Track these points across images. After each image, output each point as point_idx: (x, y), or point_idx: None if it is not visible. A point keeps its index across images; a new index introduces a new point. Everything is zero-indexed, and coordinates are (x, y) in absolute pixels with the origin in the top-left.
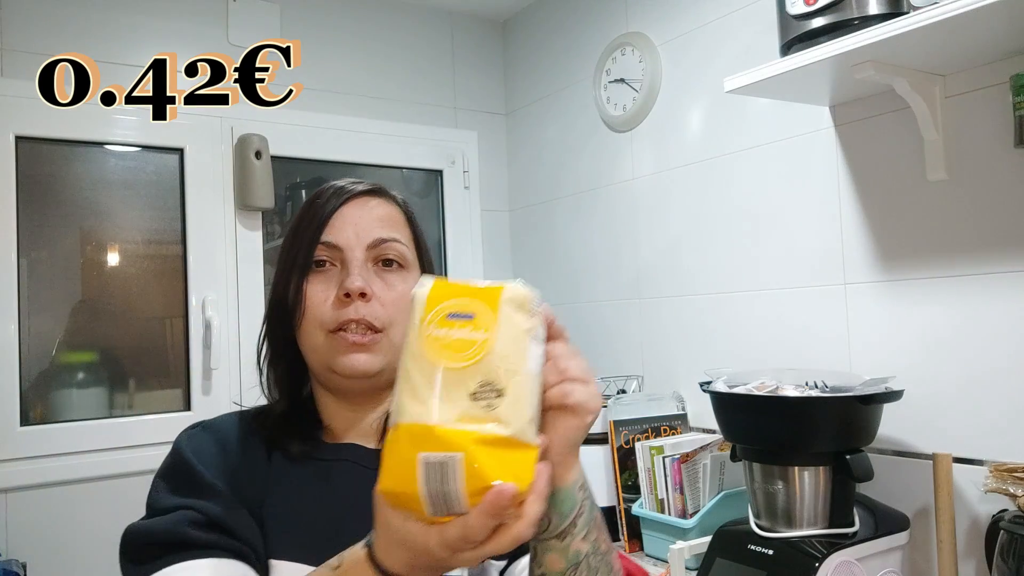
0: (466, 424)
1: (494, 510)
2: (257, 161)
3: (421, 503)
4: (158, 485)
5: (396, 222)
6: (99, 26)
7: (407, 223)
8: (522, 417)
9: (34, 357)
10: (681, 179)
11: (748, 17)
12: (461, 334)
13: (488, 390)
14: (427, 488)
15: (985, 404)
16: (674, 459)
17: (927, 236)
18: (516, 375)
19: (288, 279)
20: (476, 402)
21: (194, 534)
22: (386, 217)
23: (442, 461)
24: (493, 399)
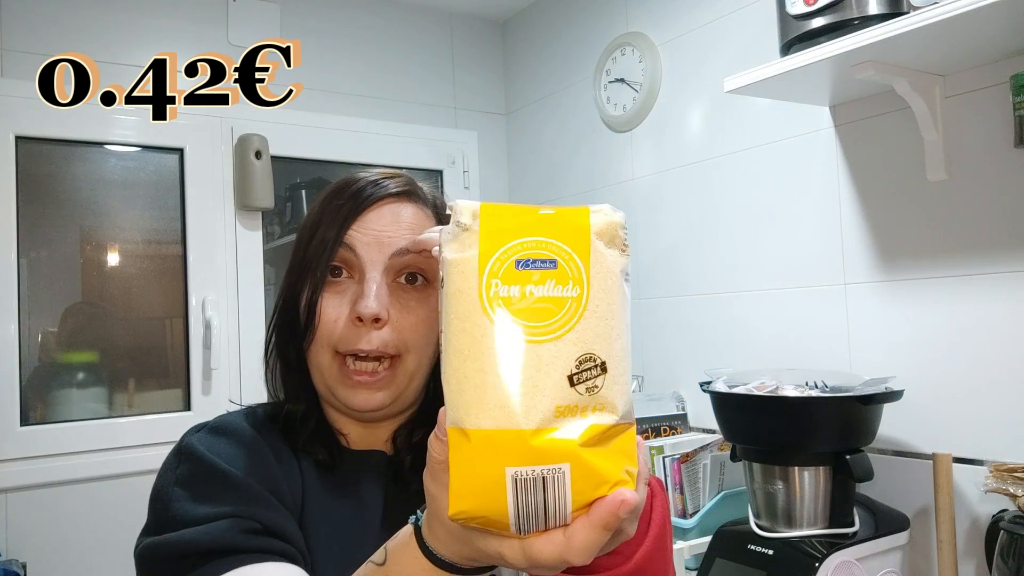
0: (567, 420)
1: (612, 521)
2: (257, 161)
3: (507, 522)
4: (174, 494)
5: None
6: (99, 26)
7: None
8: (626, 392)
9: (34, 357)
10: (681, 179)
11: (748, 17)
12: (545, 291)
13: (590, 367)
14: (518, 507)
15: (985, 404)
16: (674, 459)
17: (927, 236)
18: (617, 338)
19: (301, 287)
20: (576, 387)
21: (243, 540)
22: (417, 226)
23: (542, 476)
24: (595, 379)
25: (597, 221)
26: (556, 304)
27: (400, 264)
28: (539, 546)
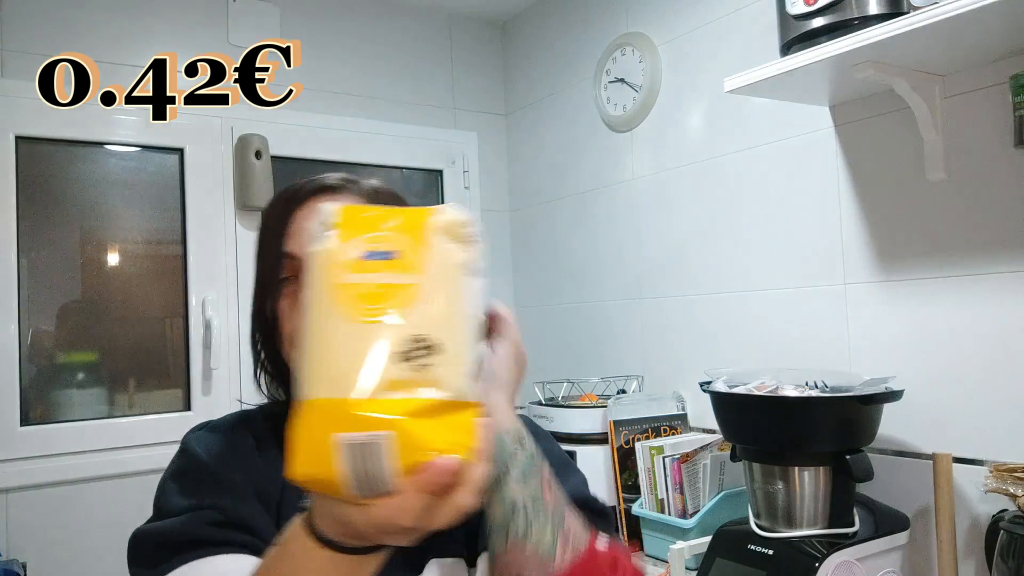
0: (394, 392)
1: (431, 487)
2: (257, 161)
3: (344, 486)
4: (167, 487)
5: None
6: (99, 26)
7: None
8: (461, 373)
9: (34, 357)
10: (681, 179)
11: (748, 17)
12: (383, 278)
13: (421, 347)
14: (351, 471)
15: (985, 404)
16: (674, 459)
17: (927, 236)
18: (454, 323)
19: (263, 298)
20: (406, 363)
21: (208, 532)
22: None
23: (366, 442)
24: (427, 357)
25: (438, 219)
26: (393, 290)
27: None
28: (375, 510)
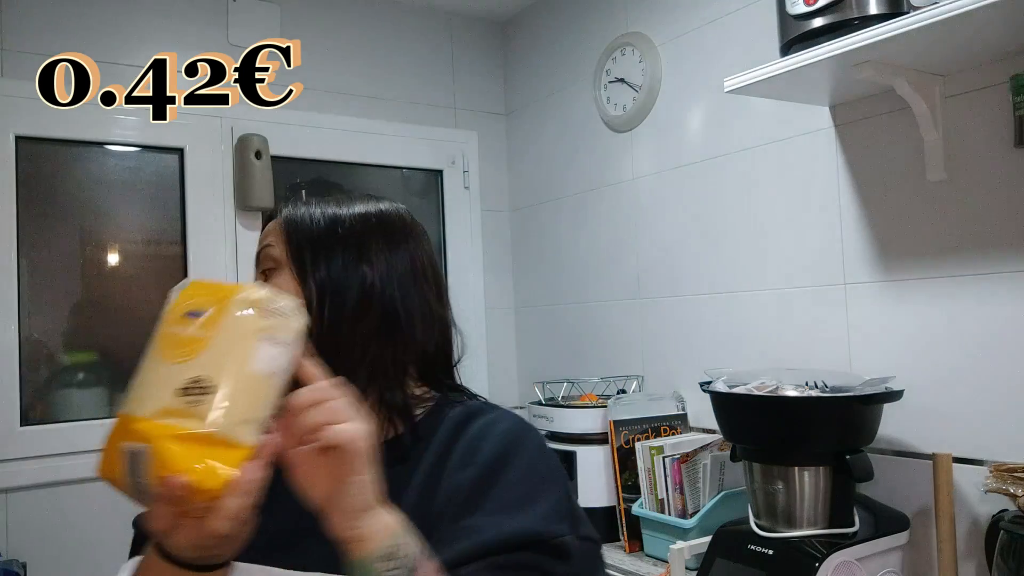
0: (166, 418)
1: (166, 499)
2: (257, 161)
3: (126, 488)
4: None
5: (272, 233)
6: (99, 26)
7: (282, 233)
8: (232, 416)
9: (34, 357)
10: (681, 179)
11: (748, 17)
12: (188, 331)
13: (197, 387)
14: (130, 477)
15: (985, 404)
16: (674, 459)
17: (927, 236)
18: (233, 373)
19: None
20: (182, 398)
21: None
22: (268, 231)
23: (136, 451)
24: (200, 396)
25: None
26: (193, 340)
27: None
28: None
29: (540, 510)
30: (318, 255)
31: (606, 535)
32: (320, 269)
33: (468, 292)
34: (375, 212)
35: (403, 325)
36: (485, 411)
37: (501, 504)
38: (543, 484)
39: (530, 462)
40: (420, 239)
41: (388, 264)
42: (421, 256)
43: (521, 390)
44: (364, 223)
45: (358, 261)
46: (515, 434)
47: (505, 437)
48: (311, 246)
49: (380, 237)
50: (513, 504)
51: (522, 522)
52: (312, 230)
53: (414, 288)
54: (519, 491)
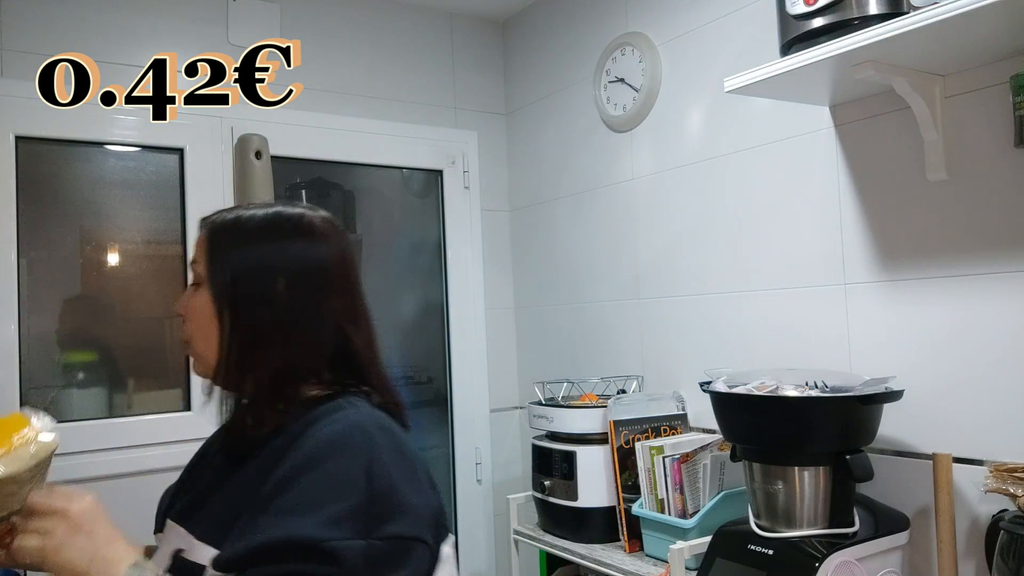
0: None
1: None
2: (257, 161)
3: None
4: None
5: (199, 246)
6: (99, 26)
7: (205, 246)
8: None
9: (34, 357)
10: (681, 179)
11: (748, 17)
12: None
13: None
14: None
15: (985, 404)
16: (674, 459)
17: (927, 236)
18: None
19: None
20: None
21: None
22: (196, 244)
23: None
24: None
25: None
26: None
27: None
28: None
29: (320, 516)
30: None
31: (606, 535)
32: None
33: (468, 292)
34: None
35: (295, 329)
36: (335, 413)
37: (289, 506)
38: (334, 490)
39: (334, 467)
40: (332, 245)
41: (294, 273)
42: (330, 263)
43: (521, 390)
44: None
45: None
46: (334, 439)
47: (322, 441)
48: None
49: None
50: (298, 508)
51: (294, 528)
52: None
53: (319, 294)
54: (309, 496)
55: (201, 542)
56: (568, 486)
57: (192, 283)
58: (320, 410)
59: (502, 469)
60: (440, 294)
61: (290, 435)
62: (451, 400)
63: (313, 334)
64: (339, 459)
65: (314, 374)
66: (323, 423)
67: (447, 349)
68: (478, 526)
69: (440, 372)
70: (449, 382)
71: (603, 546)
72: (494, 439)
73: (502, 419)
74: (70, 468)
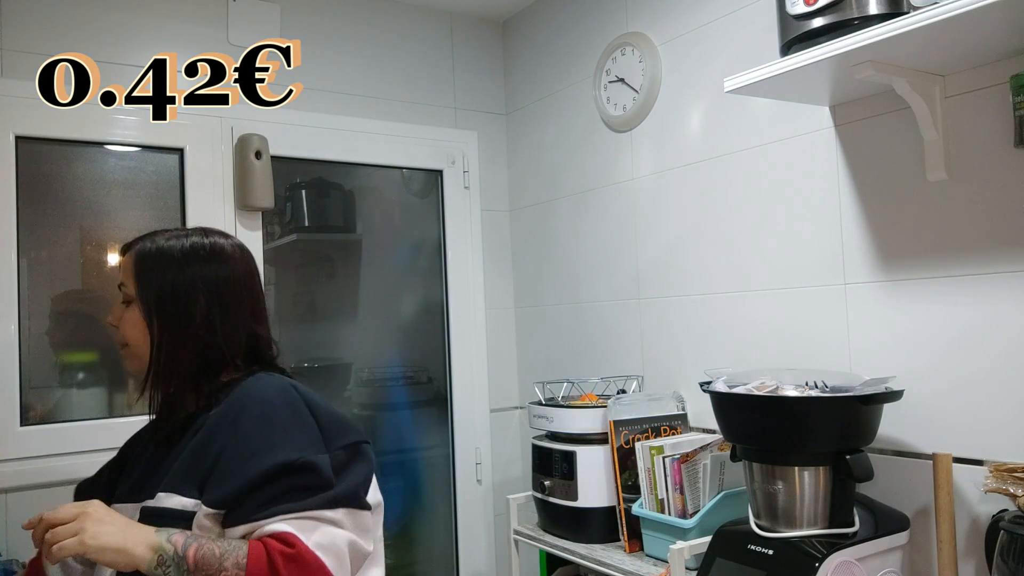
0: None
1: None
2: (257, 161)
3: None
4: None
5: (126, 270)
6: (99, 26)
7: (132, 269)
8: None
9: (34, 357)
10: (681, 179)
11: (748, 17)
12: None
13: None
14: None
15: (985, 404)
16: (674, 459)
17: (927, 236)
18: None
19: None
20: None
21: None
22: (122, 267)
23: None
24: None
25: None
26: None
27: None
28: None
29: (291, 444)
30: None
31: (606, 535)
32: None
33: (468, 292)
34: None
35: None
36: (258, 381)
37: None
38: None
39: (263, 413)
40: (239, 265)
41: (210, 290)
42: (239, 280)
43: (521, 390)
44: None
45: (189, 292)
46: (272, 392)
47: (263, 395)
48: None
49: (206, 269)
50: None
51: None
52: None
53: (230, 307)
54: (274, 434)
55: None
56: (568, 486)
57: (122, 301)
58: (242, 384)
59: (502, 469)
60: (440, 294)
61: (220, 406)
62: (451, 400)
63: (226, 335)
64: (284, 404)
65: (230, 364)
66: (249, 387)
67: (447, 349)
68: (478, 526)
69: (440, 372)
70: (449, 382)
71: (603, 546)
72: (494, 439)
73: (502, 419)
74: (70, 468)
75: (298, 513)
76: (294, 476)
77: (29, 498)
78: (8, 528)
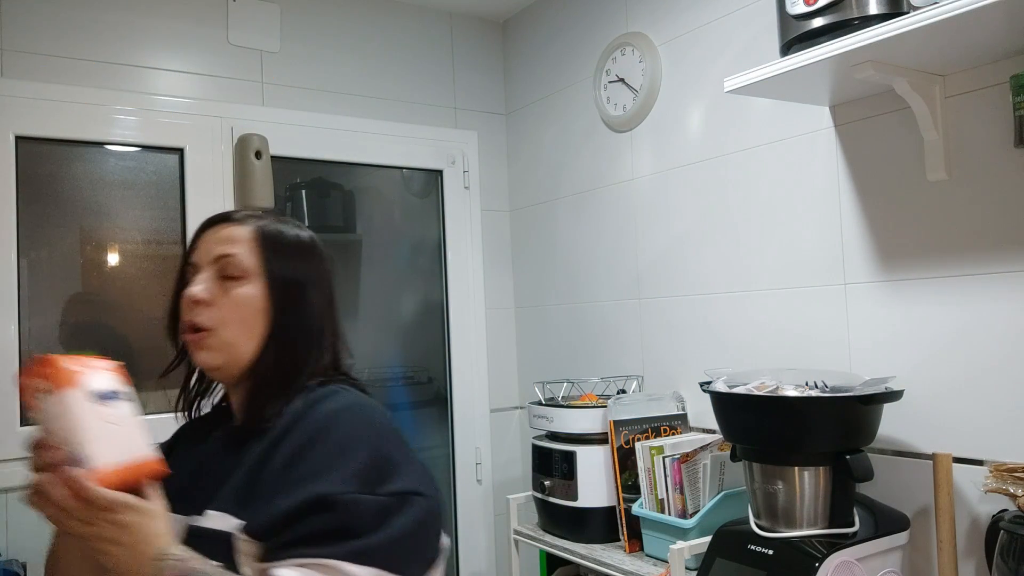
0: None
1: None
2: (257, 161)
3: None
4: None
5: (239, 241)
6: (99, 26)
7: (254, 241)
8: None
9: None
10: (681, 179)
11: (748, 17)
12: None
13: None
14: None
15: (985, 404)
16: (674, 459)
17: (927, 236)
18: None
19: (173, 294)
20: None
21: None
22: (229, 237)
23: None
24: None
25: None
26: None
27: (219, 267)
28: None
29: (334, 476)
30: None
31: (606, 535)
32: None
33: (468, 292)
34: (309, 239)
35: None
36: (334, 395)
37: (305, 474)
38: (343, 455)
39: (340, 436)
40: (329, 263)
41: (322, 288)
42: (329, 277)
43: (521, 390)
44: (313, 251)
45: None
46: (338, 413)
47: (328, 415)
48: (282, 263)
49: (320, 265)
50: (312, 474)
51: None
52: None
53: (326, 304)
54: (321, 462)
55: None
56: (568, 486)
57: (226, 274)
58: (318, 392)
59: (502, 469)
60: (440, 294)
61: (293, 414)
62: (451, 400)
63: (327, 335)
64: (344, 429)
65: (321, 368)
66: (325, 402)
67: (447, 349)
68: (478, 526)
69: (440, 372)
70: (449, 382)
71: (603, 546)
72: (494, 439)
73: (502, 419)
74: None
75: (313, 560)
76: (323, 514)
77: None
78: (8, 528)
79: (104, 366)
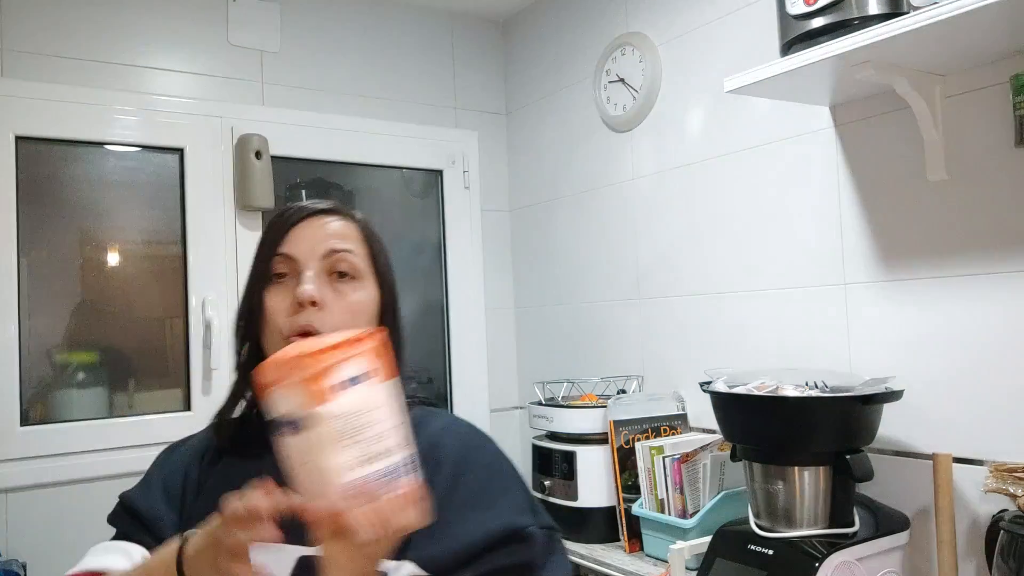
0: None
1: None
2: (257, 161)
3: None
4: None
5: (350, 236)
6: (99, 26)
7: (363, 239)
8: None
9: (34, 357)
10: (681, 179)
11: (748, 17)
12: None
13: None
14: None
15: (985, 404)
16: (674, 459)
17: (927, 236)
18: None
19: (252, 290)
20: None
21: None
22: (339, 231)
23: None
24: None
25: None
26: None
27: (329, 264)
28: None
29: (507, 506)
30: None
31: (606, 535)
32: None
33: (468, 292)
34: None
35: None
36: (437, 413)
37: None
38: (505, 482)
39: (490, 462)
40: None
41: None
42: None
43: (521, 390)
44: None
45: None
46: (473, 437)
47: (464, 440)
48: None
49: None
50: (481, 503)
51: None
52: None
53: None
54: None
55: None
56: (568, 486)
57: (337, 271)
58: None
59: None
60: (440, 294)
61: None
62: (451, 400)
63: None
64: (488, 455)
65: None
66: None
67: (447, 349)
68: None
69: (440, 372)
70: (449, 382)
71: (603, 546)
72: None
73: (502, 419)
74: (70, 468)
75: None
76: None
77: (29, 498)
78: (8, 528)
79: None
